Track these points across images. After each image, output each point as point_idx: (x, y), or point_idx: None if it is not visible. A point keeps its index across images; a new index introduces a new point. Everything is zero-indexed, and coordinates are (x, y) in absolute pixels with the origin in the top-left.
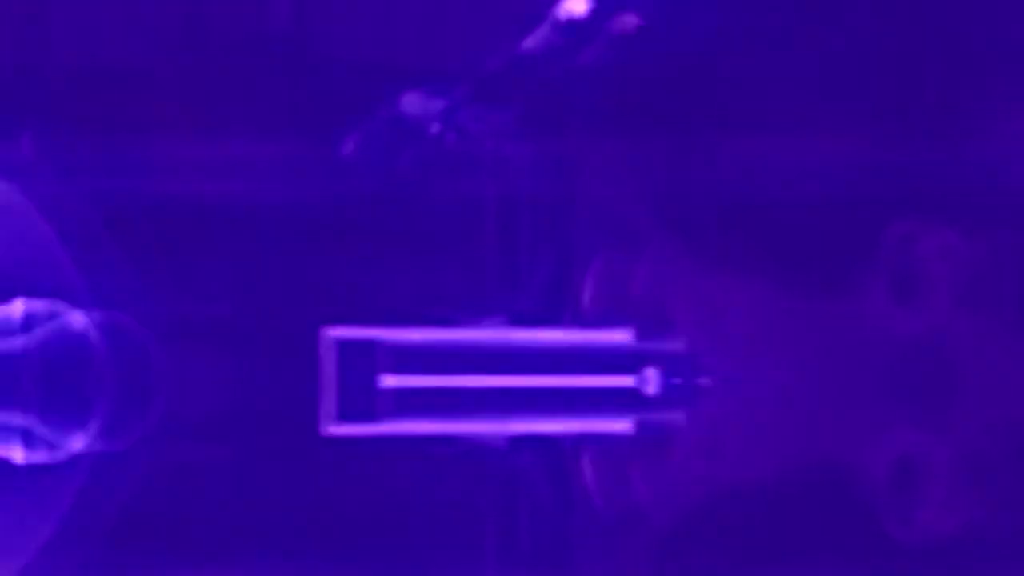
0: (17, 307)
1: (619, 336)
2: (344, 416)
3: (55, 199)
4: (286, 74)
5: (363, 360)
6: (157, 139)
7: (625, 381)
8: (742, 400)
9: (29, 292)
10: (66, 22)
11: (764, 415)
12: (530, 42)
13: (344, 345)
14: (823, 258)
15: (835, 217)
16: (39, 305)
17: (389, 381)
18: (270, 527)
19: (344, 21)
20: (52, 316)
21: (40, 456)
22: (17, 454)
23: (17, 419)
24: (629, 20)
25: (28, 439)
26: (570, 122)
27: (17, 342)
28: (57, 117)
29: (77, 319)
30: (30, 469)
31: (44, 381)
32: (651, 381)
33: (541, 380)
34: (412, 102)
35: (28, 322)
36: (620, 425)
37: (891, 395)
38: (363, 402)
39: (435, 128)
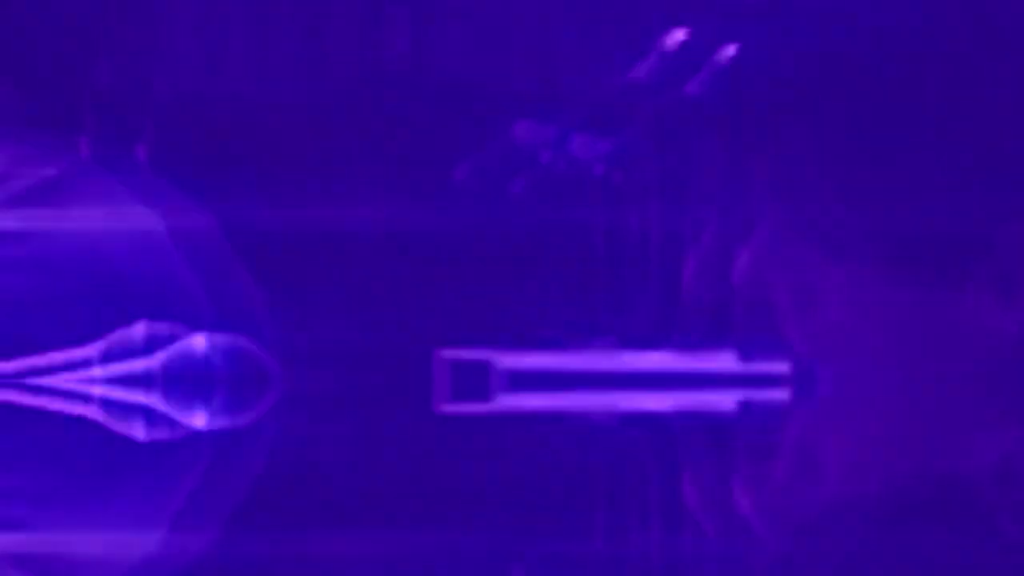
0: (140, 329)
1: (723, 359)
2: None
3: (185, 226)
4: (403, 101)
5: (476, 381)
6: (281, 167)
7: (729, 403)
8: (847, 403)
9: (154, 314)
10: (194, 54)
11: (871, 417)
12: (640, 70)
13: (458, 366)
14: (934, 254)
15: (948, 213)
16: (162, 327)
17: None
18: (387, 500)
19: (460, 49)
20: (174, 338)
21: (161, 433)
22: (139, 431)
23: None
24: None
25: (150, 418)
26: (678, 147)
27: (138, 363)
28: (185, 145)
29: (199, 341)
30: (153, 445)
31: (164, 398)
32: (749, 403)
33: (648, 400)
34: (525, 129)
35: (150, 344)
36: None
37: (996, 393)
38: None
39: (547, 155)
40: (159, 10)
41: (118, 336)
